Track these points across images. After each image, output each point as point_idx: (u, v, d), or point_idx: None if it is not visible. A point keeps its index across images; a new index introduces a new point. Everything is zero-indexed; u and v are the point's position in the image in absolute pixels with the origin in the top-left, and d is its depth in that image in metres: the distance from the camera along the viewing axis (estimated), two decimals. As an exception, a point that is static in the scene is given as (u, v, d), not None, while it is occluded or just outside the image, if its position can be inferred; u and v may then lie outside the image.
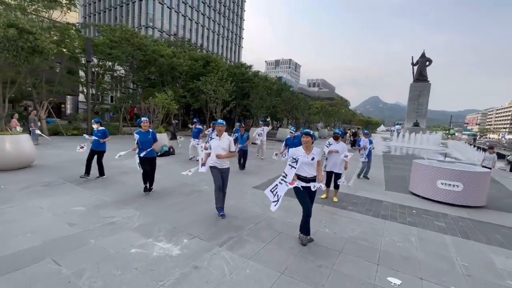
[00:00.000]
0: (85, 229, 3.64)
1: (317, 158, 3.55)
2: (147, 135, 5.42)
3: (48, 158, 8.68)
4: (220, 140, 4.35)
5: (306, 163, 3.50)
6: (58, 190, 5.32)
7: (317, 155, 3.56)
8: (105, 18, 60.03)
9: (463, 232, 4.41)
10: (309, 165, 3.51)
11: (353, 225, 4.43)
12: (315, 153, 3.54)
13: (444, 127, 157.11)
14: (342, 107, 62.16)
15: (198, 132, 9.72)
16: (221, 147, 4.29)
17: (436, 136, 32.23)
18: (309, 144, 3.54)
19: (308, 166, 3.52)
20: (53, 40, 16.37)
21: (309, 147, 3.55)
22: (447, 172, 5.98)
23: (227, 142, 4.34)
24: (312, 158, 3.50)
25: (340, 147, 5.61)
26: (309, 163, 3.50)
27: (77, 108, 40.97)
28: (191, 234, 3.67)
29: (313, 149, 3.57)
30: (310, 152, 3.54)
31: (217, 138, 4.41)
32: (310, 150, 3.54)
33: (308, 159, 3.49)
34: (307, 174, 3.54)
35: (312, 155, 3.52)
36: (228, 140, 4.36)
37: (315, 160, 3.53)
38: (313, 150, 3.56)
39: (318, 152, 3.57)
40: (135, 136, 5.42)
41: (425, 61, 34.14)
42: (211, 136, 4.45)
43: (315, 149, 3.58)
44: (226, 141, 4.34)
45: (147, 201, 5.03)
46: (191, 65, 24.20)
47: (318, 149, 3.60)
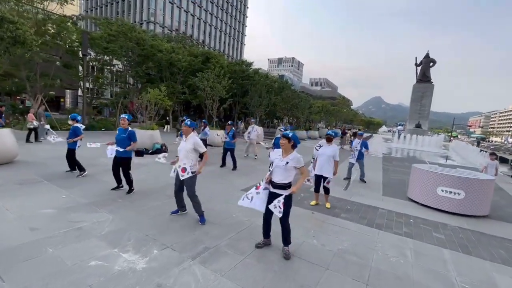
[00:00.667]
0: (47, 236, 3.31)
1: (292, 164, 3.17)
2: (122, 133, 5.14)
3: (34, 153, 8.37)
4: (185, 142, 4.04)
5: (279, 167, 3.19)
6: (32, 189, 5.00)
7: (293, 161, 3.18)
8: (106, 12, 59.59)
9: (463, 246, 4.05)
10: (282, 170, 3.18)
11: (344, 235, 4.08)
12: (291, 158, 3.18)
13: (446, 129, 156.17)
14: (344, 107, 61.63)
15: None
16: (185, 149, 3.99)
17: (438, 138, 31.77)
18: (286, 147, 3.21)
19: (281, 171, 3.18)
20: (49, 32, 16.09)
21: (286, 150, 3.23)
22: (448, 178, 5.62)
23: (191, 144, 4.01)
24: (286, 163, 3.16)
25: (331, 150, 5.25)
26: (282, 167, 3.17)
27: (77, 102, 40.74)
28: (163, 244, 3.34)
29: (291, 153, 3.22)
30: (286, 156, 3.20)
31: (184, 138, 4.09)
32: (286, 154, 3.22)
33: (281, 163, 3.18)
34: (277, 180, 3.21)
35: (286, 159, 3.17)
36: (193, 141, 4.02)
37: (289, 166, 3.17)
38: (290, 154, 3.21)
39: (296, 158, 3.20)
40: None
41: (429, 61, 33.51)
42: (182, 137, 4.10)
43: (293, 154, 3.22)
44: (191, 142, 4.01)
45: (125, 203, 4.70)
46: (191, 61, 23.81)
47: (298, 156, 3.24)
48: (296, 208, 5.12)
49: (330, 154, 5.20)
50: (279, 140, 7.21)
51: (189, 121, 4.10)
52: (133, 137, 5.19)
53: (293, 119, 36.29)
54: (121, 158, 5.14)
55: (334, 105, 54.74)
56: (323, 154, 5.26)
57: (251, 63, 32.46)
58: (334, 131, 5.53)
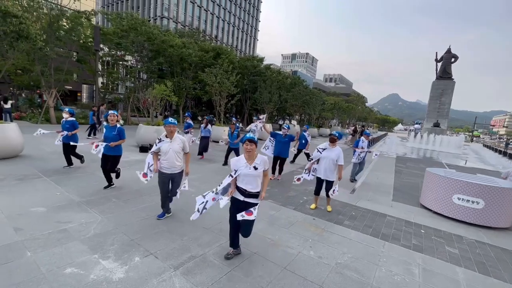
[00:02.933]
0: (30, 237, 3.20)
1: (261, 167, 2.95)
2: (111, 131, 5.00)
3: (40, 147, 8.50)
4: (171, 143, 3.79)
5: (249, 175, 2.93)
6: (28, 186, 4.98)
7: (262, 164, 2.96)
8: (122, 8, 60.57)
9: (480, 264, 3.62)
10: (251, 176, 2.94)
11: (345, 246, 3.74)
12: (258, 162, 2.95)
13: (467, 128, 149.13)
14: (359, 104, 59.88)
15: (187, 127, 9.58)
16: (173, 150, 3.77)
17: (458, 138, 30.18)
18: (253, 153, 2.97)
19: (249, 178, 2.94)
20: (63, 28, 16.38)
21: (251, 156, 2.98)
22: (466, 185, 5.11)
23: (179, 144, 3.82)
24: (255, 168, 2.92)
25: (335, 153, 4.85)
26: (251, 174, 2.92)
27: (93, 96, 41.90)
28: (147, 250, 3.15)
29: (257, 157, 2.99)
30: (253, 162, 2.95)
31: (167, 140, 3.81)
32: (252, 160, 2.97)
33: (250, 170, 2.92)
34: (250, 188, 2.96)
35: (254, 164, 2.93)
36: (180, 141, 3.85)
37: (259, 171, 2.94)
38: (257, 158, 2.98)
39: (263, 161, 2.98)
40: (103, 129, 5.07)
41: (450, 57, 31.75)
42: (160, 138, 3.85)
43: (259, 157, 3.00)
44: (178, 142, 3.82)
45: (118, 203, 4.57)
46: (201, 56, 23.69)
47: (264, 157, 3.01)
48: (296, 213, 4.84)
49: (334, 158, 4.82)
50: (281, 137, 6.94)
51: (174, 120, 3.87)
52: (122, 135, 5.07)
53: (304, 116, 35.58)
54: (113, 156, 5.03)
55: (348, 102, 53.28)
56: (326, 157, 4.88)
57: (262, 58, 31.98)
58: (338, 132, 5.11)
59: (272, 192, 5.99)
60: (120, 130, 5.05)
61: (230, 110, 35.97)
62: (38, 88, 23.05)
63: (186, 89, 22.96)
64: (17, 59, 15.51)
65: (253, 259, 3.21)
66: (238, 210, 2.91)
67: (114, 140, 4.96)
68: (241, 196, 3.01)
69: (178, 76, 23.00)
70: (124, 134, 5.13)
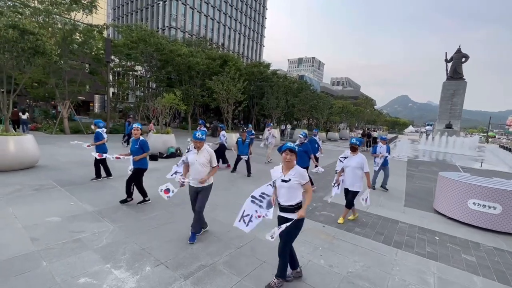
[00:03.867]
0: (46, 247, 3.29)
1: (294, 180, 2.68)
2: (134, 144, 4.99)
3: (55, 158, 8.77)
4: (198, 154, 3.65)
5: (281, 186, 2.74)
6: (44, 196, 5.14)
7: (297, 177, 2.69)
8: (132, 20, 62.47)
9: (499, 272, 3.48)
10: (285, 189, 2.71)
11: (356, 255, 3.68)
12: (292, 174, 2.70)
13: (482, 128, 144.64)
14: (367, 107, 59.17)
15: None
16: (200, 163, 3.63)
17: (472, 139, 29.30)
18: (291, 163, 2.73)
19: (284, 191, 2.72)
20: (76, 41, 17.05)
21: (289, 167, 2.75)
22: (481, 190, 4.95)
23: (206, 156, 3.66)
24: (288, 180, 2.69)
25: (356, 161, 4.67)
26: (283, 186, 2.71)
27: (104, 106, 43.12)
28: (158, 260, 3.19)
29: (293, 168, 2.74)
30: (287, 172, 2.73)
31: (195, 150, 3.69)
32: (288, 169, 2.75)
33: (281, 181, 2.73)
34: (282, 201, 2.75)
35: (288, 176, 2.70)
36: (208, 153, 3.68)
37: (291, 183, 2.68)
38: (292, 169, 2.74)
39: (299, 173, 2.71)
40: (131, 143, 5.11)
41: (460, 57, 31.11)
42: (189, 148, 3.79)
43: (296, 169, 2.74)
44: (205, 155, 3.65)
45: (129, 212, 4.65)
46: (208, 64, 24.09)
47: (301, 170, 2.76)
48: (306, 220, 4.77)
49: (357, 166, 4.64)
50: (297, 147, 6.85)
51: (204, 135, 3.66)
52: (145, 147, 5.03)
53: (312, 120, 35.41)
54: (135, 169, 4.98)
55: (357, 105, 52.74)
56: (349, 166, 4.71)
57: (269, 64, 32.23)
58: (358, 139, 4.95)
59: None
60: (142, 143, 4.99)
61: (238, 116, 36.24)
62: (52, 100, 23.99)
63: (194, 96, 23.32)
64: (33, 73, 16.22)
65: (263, 267, 3.19)
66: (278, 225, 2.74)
67: (137, 153, 4.93)
68: (278, 210, 2.81)
69: (186, 84, 23.41)
70: (147, 146, 5.07)
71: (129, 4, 64.80)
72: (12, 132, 7.35)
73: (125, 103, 33.49)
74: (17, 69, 7.23)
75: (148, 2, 60.32)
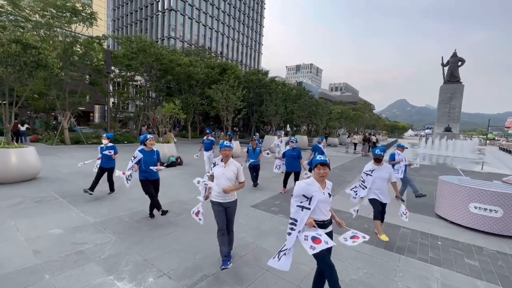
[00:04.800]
0: (48, 260, 3.29)
1: (331, 192, 2.70)
2: (151, 155, 4.81)
3: (57, 169, 8.79)
4: (225, 168, 3.36)
5: (323, 201, 2.58)
6: (45, 208, 5.15)
7: (331, 189, 2.71)
8: (131, 31, 63.45)
9: (503, 277, 3.47)
10: (327, 204, 2.63)
11: (359, 261, 3.67)
12: (329, 188, 2.69)
13: (481, 131, 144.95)
14: (366, 112, 59.49)
15: (211, 144, 8.99)
16: (226, 177, 3.33)
17: (471, 142, 29.37)
18: (326, 177, 2.62)
19: (325, 206, 2.62)
20: (77, 53, 17.31)
21: (323, 181, 2.65)
22: (482, 193, 4.97)
23: (234, 170, 3.39)
24: (329, 195, 2.64)
25: (386, 171, 4.47)
26: (327, 201, 2.61)
27: (105, 116, 43.38)
28: (160, 271, 3.18)
29: (326, 182, 2.69)
30: (325, 186, 2.66)
31: (221, 164, 3.42)
32: (324, 184, 2.66)
33: (325, 196, 2.59)
34: (325, 217, 2.61)
35: (327, 190, 2.65)
36: (235, 167, 3.42)
37: (332, 197, 2.68)
38: (327, 183, 2.69)
39: (331, 186, 2.73)
40: (136, 154, 4.71)
41: (456, 61, 31.47)
42: (215, 162, 3.53)
43: (328, 182, 2.71)
44: (232, 169, 3.39)
45: (131, 222, 4.65)
46: (208, 73, 24.38)
47: (329, 182, 2.73)
48: (307, 228, 4.79)
49: (387, 177, 4.48)
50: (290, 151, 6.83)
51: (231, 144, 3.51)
52: (160, 157, 5.01)
53: (312, 126, 35.56)
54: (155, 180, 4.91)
55: (355, 110, 53.05)
56: (378, 177, 4.49)
57: (267, 72, 32.60)
58: (381, 148, 4.73)
59: (283, 206, 5.96)
60: (158, 153, 4.97)
61: (238, 124, 36.41)
62: (53, 111, 24.17)
63: (194, 105, 23.51)
64: (35, 85, 16.39)
65: (265, 277, 3.19)
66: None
67: (155, 165, 4.80)
68: (319, 230, 2.50)
69: (186, 93, 23.64)
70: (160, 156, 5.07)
71: (128, 16, 65.93)
72: (13, 144, 7.37)
73: (125, 112, 33.70)
74: (19, 82, 7.33)
75: (147, 13, 61.40)
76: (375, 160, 4.51)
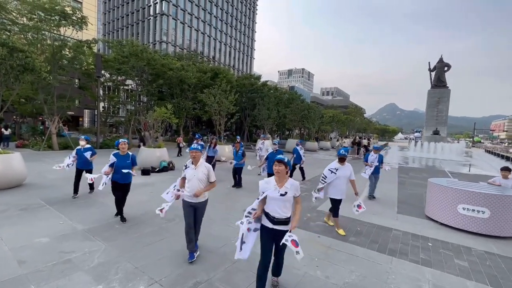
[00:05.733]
0: (34, 270, 3.17)
1: (291, 193, 2.75)
2: (125, 159, 4.86)
3: (43, 175, 8.54)
4: (196, 170, 3.54)
5: (275, 198, 2.72)
6: (31, 216, 4.97)
7: (292, 190, 2.76)
8: (123, 35, 62.88)
9: (491, 276, 3.54)
10: (280, 202, 2.73)
11: (352, 264, 3.69)
12: (288, 187, 2.75)
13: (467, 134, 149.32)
14: (357, 115, 60.42)
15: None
16: (197, 178, 3.50)
17: (459, 145, 30.18)
18: (282, 174, 2.75)
19: (279, 204, 2.73)
20: (66, 57, 16.98)
21: (281, 179, 2.78)
22: (470, 195, 5.09)
23: (204, 171, 3.56)
24: (284, 193, 2.73)
25: (349, 169, 4.79)
26: (279, 199, 2.72)
27: (94, 121, 42.56)
28: (152, 278, 3.11)
29: (288, 181, 2.81)
30: (283, 185, 2.77)
31: (192, 166, 3.60)
32: (283, 183, 2.78)
33: (277, 194, 2.72)
34: (276, 214, 2.72)
35: (284, 189, 2.74)
36: (206, 168, 3.60)
37: (288, 196, 2.73)
38: (287, 182, 2.79)
39: (294, 186, 2.79)
40: (111, 158, 4.81)
41: (443, 66, 32.50)
42: (186, 164, 3.72)
43: (290, 182, 2.81)
44: (203, 170, 3.56)
45: (121, 229, 4.55)
46: (200, 78, 24.32)
47: (296, 183, 2.85)
48: (301, 232, 4.79)
49: (349, 175, 4.77)
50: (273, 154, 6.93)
51: (199, 146, 3.81)
52: (136, 161, 5.06)
53: (304, 130, 35.82)
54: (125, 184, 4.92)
55: (347, 114, 53.81)
56: (342, 176, 4.76)
57: (259, 76, 32.79)
58: (345, 148, 5.07)
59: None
60: (134, 157, 5.00)
61: (230, 128, 36.34)
62: (40, 115, 23.55)
63: (186, 109, 23.35)
64: (22, 89, 15.95)
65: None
66: (268, 239, 2.77)
67: (129, 167, 4.85)
68: (269, 224, 2.75)
69: (178, 97, 23.48)
70: (136, 160, 5.13)
71: (119, 20, 65.40)
72: (-1, 150, 7.14)
73: (116, 117, 33.18)
74: (5, 86, 7.13)
75: (139, 18, 61.05)
76: (339, 159, 4.82)
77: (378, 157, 7.50)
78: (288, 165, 2.80)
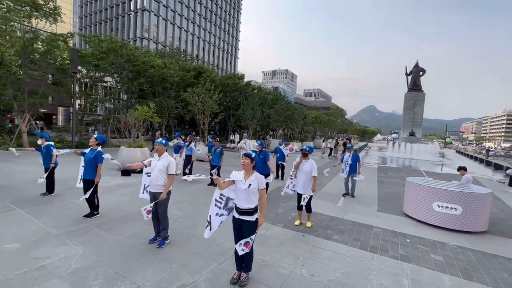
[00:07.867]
0: (3, 278, 2.95)
1: (254, 185, 2.94)
2: (90, 153, 4.92)
3: (13, 176, 7.98)
4: (158, 161, 3.92)
5: (241, 191, 2.94)
6: (1, 220, 4.62)
7: (256, 182, 2.95)
8: (101, 30, 60.28)
9: (464, 269, 3.77)
10: (244, 193, 2.93)
11: (336, 262, 3.77)
12: (253, 179, 2.95)
13: (440, 135, 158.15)
14: (338, 117, 62.08)
15: (178, 147, 9.28)
16: (158, 168, 3.85)
17: (433, 146, 31.87)
18: (247, 167, 3.00)
19: (244, 195, 2.93)
20: (38, 51, 15.96)
21: (247, 172, 3.01)
22: (443, 193, 5.39)
23: (164, 163, 3.88)
24: (249, 185, 2.91)
25: (308, 166, 4.97)
26: (243, 191, 2.93)
27: (69, 119, 40.36)
28: (134, 283, 3.00)
29: (253, 174, 3.01)
30: (248, 178, 2.97)
31: (157, 157, 3.97)
32: (248, 175, 2.99)
33: (243, 186, 2.93)
34: (241, 205, 2.96)
35: (249, 181, 2.93)
36: (167, 161, 3.90)
37: (252, 188, 2.92)
38: (252, 175, 2.99)
39: (258, 179, 2.98)
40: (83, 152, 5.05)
41: (418, 71, 34.21)
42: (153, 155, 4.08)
43: (255, 175, 3.01)
44: (163, 162, 3.89)
45: (100, 232, 4.35)
46: (183, 76, 23.85)
47: (261, 176, 3.04)
48: (286, 231, 4.84)
49: (309, 171, 4.93)
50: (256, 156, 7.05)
51: (164, 140, 4.02)
52: (100, 159, 4.93)
53: (288, 131, 36.24)
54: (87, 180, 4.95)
55: (329, 115, 55.11)
56: (302, 171, 5.01)
57: (243, 76, 32.74)
58: (309, 146, 5.27)
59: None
60: (98, 153, 4.93)
61: (214, 128, 35.98)
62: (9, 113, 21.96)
63: (168, 108, 22.82)
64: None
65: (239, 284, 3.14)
66: (236, 229, 3.05)
67: (93, 165, 4.88)
68: (236, 214, 3.01)
69: (160, 96, 22.89)
70: (101, 159, 4.95)
71: (97, 14, 62.63)
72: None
73: (93, 115, 31.71)
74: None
75: (118, 12, 58.80)
76: (302, 154, 5.11)
77: (352, 156, 7.70)
78: (254, 160, 3.05)
